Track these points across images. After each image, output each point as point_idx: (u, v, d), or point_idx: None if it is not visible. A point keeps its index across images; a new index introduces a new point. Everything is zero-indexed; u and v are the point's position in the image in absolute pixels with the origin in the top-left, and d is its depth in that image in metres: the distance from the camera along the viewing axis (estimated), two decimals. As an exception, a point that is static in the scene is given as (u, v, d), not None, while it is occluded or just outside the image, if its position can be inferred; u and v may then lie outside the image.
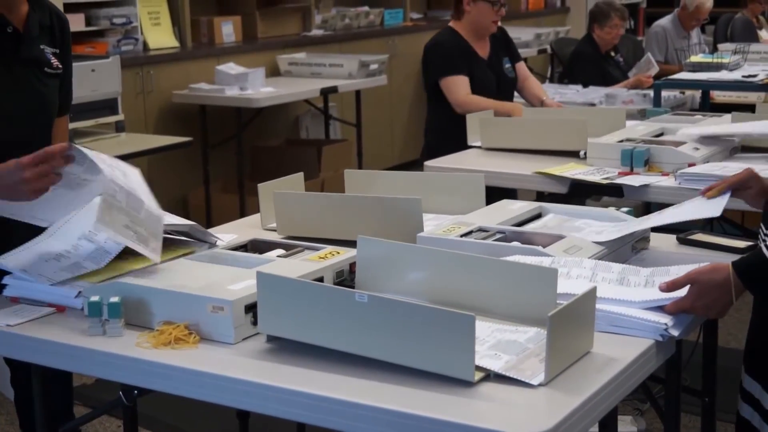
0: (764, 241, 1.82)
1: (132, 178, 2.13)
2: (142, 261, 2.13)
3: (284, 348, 1.74)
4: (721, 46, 6.66)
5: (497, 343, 1.68)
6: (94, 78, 4.57)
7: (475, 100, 4.10)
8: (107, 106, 4.72)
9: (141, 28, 5.83)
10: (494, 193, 2.86)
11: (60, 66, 2.36)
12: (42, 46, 2.32)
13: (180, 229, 2.25)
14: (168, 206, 2.25)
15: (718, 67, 5.60)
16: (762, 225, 1.95)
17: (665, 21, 7.27)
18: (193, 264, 2.07)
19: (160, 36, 6.00)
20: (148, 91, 5.59)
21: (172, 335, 1.78)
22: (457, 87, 4.13)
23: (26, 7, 2.30)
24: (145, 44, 5.87)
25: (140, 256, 2.16)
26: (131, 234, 2.01)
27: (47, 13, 2.36)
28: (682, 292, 1.81)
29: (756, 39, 7.69)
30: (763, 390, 1.94)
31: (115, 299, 1.83)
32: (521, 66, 4.49)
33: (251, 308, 1.79)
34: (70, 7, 5.27)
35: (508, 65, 4.39)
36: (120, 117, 4.79)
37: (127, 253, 2.17)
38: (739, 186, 2.10)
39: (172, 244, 2.26)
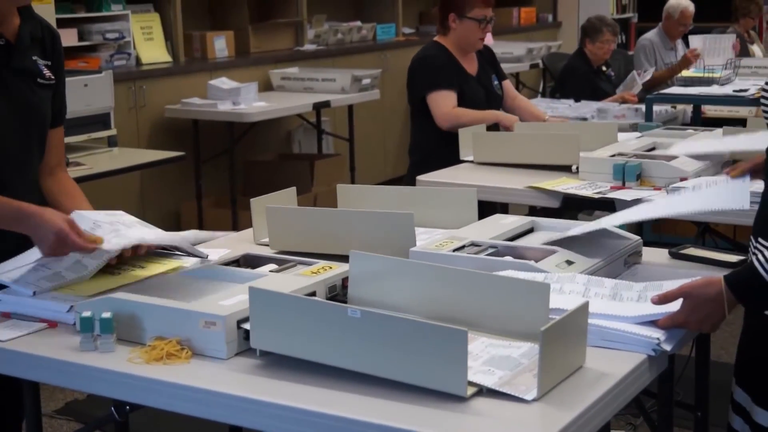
0: (755, 254, 1.83)
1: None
2: (133, 276, 2.13)
3: (276, 363, 1.74)
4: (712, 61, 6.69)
5: (491, 359, 1.68)
6: (86, 93, 4.57)
7: (459, 112, 4.07)
8: (100, 121, 4.72)
9: (134, 42, 5.83)
10: (487, 208, 2.86)
11: (52, 77, 2.37)
12: (34, 58, 2.33)
13: (171, 243, 2.25)
14: (160, 220, 2.27)
15: (709, 81, 5.63)
16: (752, 238, 1.96)
17: (651, 34, 7.32)
18: (184, 279, 2.06)
19: (153, 51, 6.00)
20: (141, 106, 5.59)
21: (164, 350, 1.77)
22: (444, 100, 4.09)
23: (18, 20, 2.31)
24: (137, 59, 5.87)
25: (132, 271, 2.16)
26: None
27: (38, 26, 2.37)
28: (675, 306, 1.82)
29: (747, 53, 7.72)
30: (752, 401, 1.95)
31: (107, 314, 1.82)
32: (508, 84, 4.46)
33: (243, 323, 1.78)
34: (63, 22, 5.27)
35: (496, 82, 4.39)
36: (112, 132, 4.79)
37: (119, 268, 2.17)
38: (759, 168, 2.09)
39: (163, 258, 2.26)
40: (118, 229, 2.17)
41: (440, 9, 4.29)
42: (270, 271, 2.11)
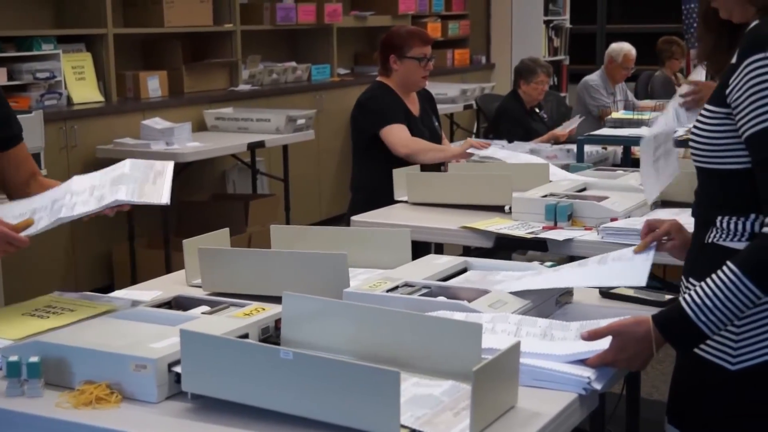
0: (683, 294, 1.86)
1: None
2: (62, 319, 2.10)
3: (209, 406, 1.72)
4: (641, 103, 6.83)
5: (412, 398, 1.68)
6: (16, 132, 4.50)
7: (422, 142, 4.15)
8: (30, 161, 4.64)
9: (65, 82, 5.78)
10: (421, 248, 2.87)
11: None
12: None
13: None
14: (91, 262, 2.25)
15: (638, 123, 5.73)
16: (683, 278, 1.99)
17: (594, 76, 7.44)
18: (114, 321, 2.04)
19: (85, 90, 5.95)
20: (72, 146, 5.53)
21: (93, 395, 1.74)
22: (401, 131, 4.15)
23: None
24: (69, 99, 5.81)
25: (61, 314, 2.13)
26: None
27: None
28: (604, 344, 1.84)
29: (675, 95, 7.87)
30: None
31: (34, 359, 1.79)
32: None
33: (175, 366, 1.76)
34: (-8, 61, 5.21)
35: (436, 123, 4.45)
36: (43, 172, 4.70)
37: (46, 311, 2.14)
38: (664, 237, 2.13)
39: (92, 301, 2.23)
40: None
41: (380, 51, 4.34)
42: (202, 313, 2.09)
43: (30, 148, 4.53)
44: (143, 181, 2.23)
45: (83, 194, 2.21)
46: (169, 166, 2.28)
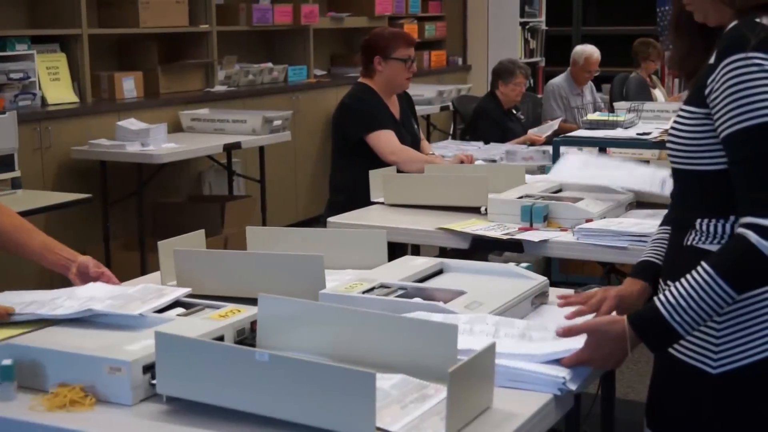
0: (658, 294, 1.86)
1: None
2: (36, 321, 2.08)
3: (184, 409, 1.71)
4: (616, 105, 6.86)
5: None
6: (-11, 133, 4.48)
7: (410, 151, 4.16)
8: (3, 163, 4.61)
9: (39, 83, 5.74)
10: (398, 249, 2.87)
11: None
12: None
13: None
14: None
15: (613, 125, 5.75)
16: (661, 280, 1.99)
17: (559, 79, 7.51)
18: (89, 324, 2.02)
19: (59, 91, 5.91)
20: (46, 147, 5.49)
21: (67, 398, 1.73)
22: (390, 138, 4.15)
23: None
24: (43, 99, 5.77)
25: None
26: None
27: None
28: (579, 343, 1.84)
29: (650, 97, 7.93)
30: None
31: (7, 362, 1.78)
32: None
33: (150, 368, 1.75)
34: (-35, 62, 5.16)
35: (416, 126, 4.46)
36: (16, 173, 4.69)
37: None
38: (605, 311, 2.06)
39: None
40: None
41: (363, 53, 4.33)
42: (177, 315, 2.08)
43: (3, 149, 4.58)
44: (134, 300, 2.13)
45: (77, 300, 2.13)
46: (177, 293, 2.18)
